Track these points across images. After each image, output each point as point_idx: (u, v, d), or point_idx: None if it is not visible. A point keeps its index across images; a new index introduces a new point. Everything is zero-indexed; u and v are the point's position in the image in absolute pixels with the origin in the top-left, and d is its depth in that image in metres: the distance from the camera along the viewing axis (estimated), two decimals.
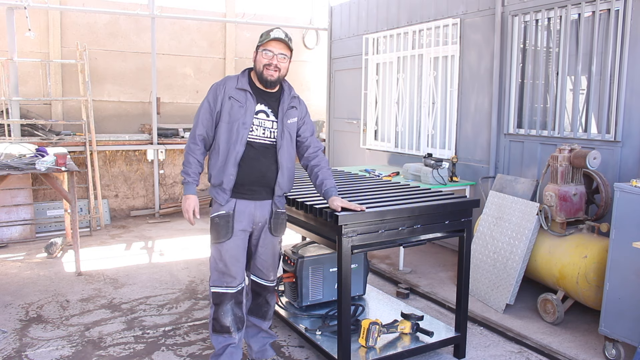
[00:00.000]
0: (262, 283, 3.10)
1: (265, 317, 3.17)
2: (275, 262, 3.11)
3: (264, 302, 3.14)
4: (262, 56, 2.85)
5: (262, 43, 2.86)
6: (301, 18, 9.03)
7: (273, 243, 3.04)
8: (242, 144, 2.82)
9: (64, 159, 4.83)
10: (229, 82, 2.90)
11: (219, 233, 2.86)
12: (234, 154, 2.81)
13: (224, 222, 2.85)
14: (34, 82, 7.23)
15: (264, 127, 2.88)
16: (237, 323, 2.96)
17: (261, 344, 3.18)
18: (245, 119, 2.83)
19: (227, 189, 2.84)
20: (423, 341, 3.22)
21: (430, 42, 6.02)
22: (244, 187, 2.86)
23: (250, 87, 2.89)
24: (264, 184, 2.90)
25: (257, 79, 2.91)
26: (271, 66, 2.85)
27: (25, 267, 5.09)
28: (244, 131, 2.82)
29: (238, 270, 2.92)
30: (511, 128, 5.06)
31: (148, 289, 4.53)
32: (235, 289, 2.92)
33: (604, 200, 3.89)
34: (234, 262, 2.89)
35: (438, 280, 4.83)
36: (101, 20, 7.59)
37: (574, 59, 4.49)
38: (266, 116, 2.90)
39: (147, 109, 7.84)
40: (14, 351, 3.38)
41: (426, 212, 3.04)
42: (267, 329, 3.21)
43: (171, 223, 6.99)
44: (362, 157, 7.25)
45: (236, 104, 2.84)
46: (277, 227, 3.00)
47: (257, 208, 2.91)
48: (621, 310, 3.23)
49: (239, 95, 2.86)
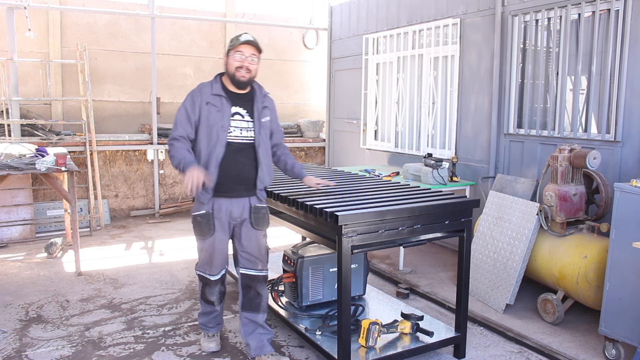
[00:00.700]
0: (251, 274, 3.23)
1: (258, 309, 3.26)
2: (261, 253, 3.25)
3: (255, 294, 3.25)
4: (233, 59, 3.04)
5: (233, 47, 3.05)
6: (301, 18, 9.04)
7: (257, 236, 3.22)
8: (222, 145, 3.03)
9: (64, 159, 4.83)
10: (204, 89, 3.11)
11: (202, 231, 3.11)
12: (215, 155, 3.02)
13: (205, 220, 3.09)
14: (34, 82, 7.24)
15: (240, 127, 3.10)
16: (220, 296, 3.34)
17: (259, 340, 3.25)
18: (223, 122, 3.04)
19: (209, 188, 3.04)
20: (423, 341, 3.22)
21: (430, 42, 6.02)
22: (224, 186, 3.07)
23: (224, 91, 3.10)
24: (242, 182, 3.11)
25: (229, 83, 3.12)
26: (243, 68, 3.04)
27: (25, 267, 5.09)
28: (222, 133, 3.03)
29: (220, 261, 3.23)
30: (511, 128, 5.07)
31: (148, 289, 4.53)
32: (217, 277, 3.26)
33: (604, 200, 3.89)
34: (217, 254, 3.18)
35: (438, 280, 4.83)
36: (101, 20, 7.59)
37: (574, 59, 4.49)
38: (241, 117, 3.12)
39: (147, 109, 7.84)
40: (14, 351, 3.38)
41: (426, 212, 3.04)
42: (263, 322, 3.28)
43: (171, 223, 6.99)
44: (362, 157, 7.25)
45: (213, 109, 3.05)
46: (258, 221, 3.19)
47: (233, 204, 3.12)
48: (621, 310, 3.23)
49: (214, 100, 3.07)
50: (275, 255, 4.75)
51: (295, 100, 9.09)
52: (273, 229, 6.63)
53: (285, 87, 9.00)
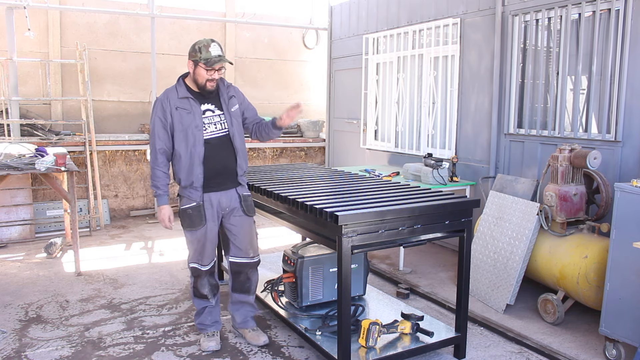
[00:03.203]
0: (242, 261, 3.41)
1: (249, 292, 3.49)
2: (252, 240, 3.43)
3: (245, 278, 3.45)
4: (205, 72, 3.15)
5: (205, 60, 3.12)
6: (301, 18, 9.03)
7: (248, 222, 3.39)
8: (201, 143, 3.17)
9: (63, 159, 4.82)
10: (170, 94, 3.22)
11: (194, 222, 3.24)
12: (197, 154, 3.17)
13: (197, 212, 3.22)
14: (33, 82, 7.23)
15: (214, 122, 3.24)
16: (213, 290, 3.45)
17: (244, 316, 3.51)
18: (197, 122, 3.17)
19: (198, 186, 3.21)
20: (423, 341, 3.21)
21: (430, 42, 6.02)
22: (211, 181, 3.23)
23: (189, 92, 3.22)
24: (227, 174, 3.28)
25: (192, 84, 3.24)
26: (213, 81, 3.19)
27: (25, 267, 5.08)
28: (198, 133, 3.17)
29: (211, 250, 3.36)
30: (511, 128, 5.06)
31: (148, 289, 4.52)
32: (207, 267, 3.38)
33: (605, 200, 3.88)
34: (208, 244, 3.32)
35: (438, 280, 4.82)
36: (101, 20, 7.58)
37: (575, 59, 4.48)
38: (212, 113, 3.25)
39: (147, 108, 7.83)
40: (14, 351, 3.37)
41: (426, 212, 3.03)
42: (252, 301, 3.54)
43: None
44: (362, 157, 7.25)
45: (184, 112, 3.17)
46: (249, 208, 3.38)
47: (222, 196, 3.28)
48: (621, 311, 3.22)
49: (183, 103, 3.18)
50: (275, 255, 4.74)
51: (295, 100, 9.07)
52: (273, 229, 6.65)
53: (285, 87, 8.99)
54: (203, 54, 3.14)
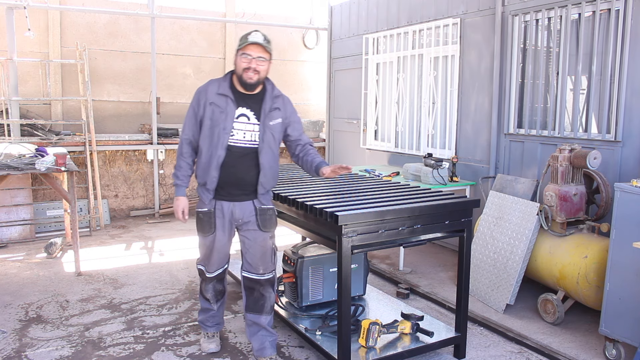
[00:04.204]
0: (252, 277, 3.18)
1: (262, 311, 3.18)
2: (265, 257, 3.16)
3: (258, 295, 3.18)
4: (241, 60, 2.92)
5: (241, 47, 2.91)
6: (301, 18, 9.03)
7: (263, 238, 3.13)
8: (223, 148, 2.95)
9: (63, 159, 4.82)
10: (211, 87, 3.01)
11: (203, 228, 3.09)
12: (216, 157, 2.96)
13: (207, 218, 3.06)
14: (33, 82, 7.23)
15: (244, 130, 2.99)
16: (217, 295, 3.33)
17: (260, 342, 3.21)
18: (226, 124, 2.95)
19: (210, 189, 3.03)
20: (423, 341, 3.21)
21: (430, 42, 6.02)
22: (223, 190, 3.04)
23: (231, 91, 2.99)
24: (242, 187, 3.04)
25: (238, 83, 3.00)
26: (250, 69, 2.90)
27: (25, 267, 5.08)
28: (224, 136, 2.95)
29: (218, 259, 3.20)
30: (511, 128, 5.06)
31: (148, 289, 4.53)
32: (213, 274, 3.24)
33: (605, 200, 3.88)
34: (215, 253, 3.16)
35: (438, 280, 4.82)
36: (101, 20, 7.58)
37: (574, 59, 4.49)
38: (247, 119, 3.00)
39: (147, 109, 7.83)
40: (14, 351, 3.37)
41: (426, 212, 3.03)
42: (266, 325, 3.21)
43: (171, 223, 6.98)
44: (362, 157, 7.25)
45: (217, 109, 2.96)
46: (265, 223, 3.11)
47: (235, 207, 3.07)
48: (621, 311, 3.22)
49: (219, 100, 2.97)
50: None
51: (295, 100, 8.97)
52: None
53: (285, 87, 8.97)
54: (242, 40, 2.92)
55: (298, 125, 3.21)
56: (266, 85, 3.07)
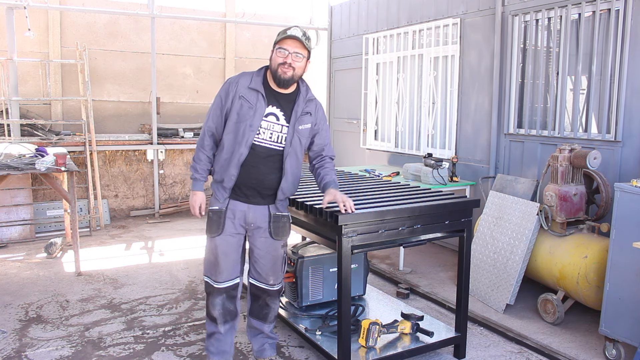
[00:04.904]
0: (260, 286, 3.03)
1: (265, 320, 3.10)
2: (276, 266, 3.00)
3: (263, 304, 3.07)
4: (277, 54, 2.75)
5: (278, 41, 2.76)
6: (301, 18, 9.02)
7: (274, 247, 2.96)
8: (247, 146, 2.77)
9: (63, 159, 4.82)
10: (243, 79, 2.82)
11: (211, 227, 2.88)
12: (238, 155, 2.77)
13: (216, 217, 2.86)
14: (33, 82, 7.23)
15: (271, 130, 2.81)
16: (226, 316, 2.99)
17: (260, 343, 3.17)
18: (253, 121, 2.76)
19: (227, 187, 2.84)
20: (423, 341, 3.21)
21: (430, 42, 6.02)
22: (240, 190, 2.86)
23: (263, 87, 2.81)
24: (260, 190, 2.87)
25: (272, 79, 2.82)
26: (285, 64, 2.73)
27: (25, 267, 5.08)
28: (250, 133, 2.76)
29: (227, 266, 2.92)
30: (511, 128, 5.06)
31: (148, 289, 4.53)
32: (222, 285, 2.94)
33: (604, 200, 3.88)
34: (223, 257, 2.90)
35: (438, 280, 4.82)
36: (101, 20, 7.59)
37: (574, 59, 4.49)
38: (276, 119, 2.81)
39: (147, 109, 7.83)
40: (14, 351, 3.38)
41: (426, 212, 3.03)
42: (269, 332, 3.16)
43: (171, 223, 6.99)
44: (362, 157, 7.25)
45: (246, 104, 2.77)
46: (278, 231, 2.93)
47: (250, 210, 2.88)
48: (621, 311, 3.22)
49: (250, 95, 2.78)
50: None
51: None
52: None
53: None
54: (280, 35, 2.76)
55: (325, 134, 3.02)
56: (300, 86, 2.89)
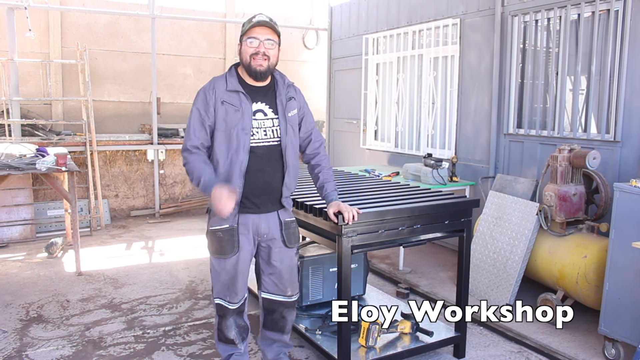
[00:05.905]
0: (277, 299, 2.81)
1: (283, 331, 2.92)
2: (292, 276, 2.81)
3: (279, 317, 2.86)
4: (247, 46, 2.57)
5: (245, 32, 2.57)
6: (301, 18, 9.04)
7: (289, 256, 2.78)
8: (246, 151, 2.57)
9: (64, 159, 4.83)
10: (218, 83, 2.62)
11: (224, 248, 2.62)
12: (238, 164, 2.56)
13: (229, 236, 2.61)
14: (34, 82, 7.24)
15: (264, 128, 2.63)
16: (242, 334, 2.84)
17: (275, 353, 2.98)
18: (244, 124, 2.56)
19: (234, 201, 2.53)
20: (423, 341, 3.22)
21: (430, 42, 6.02)
22: (249, 201, 2.63)
23: (241, 86, 2.62)
24: (270, 194, 2.68)
25: (246, 74, 2.65)
26: (258, 55, 2.55)
27: (26, 267, 5.09)
28: (244, 137, 2.56)
29: (243, 284, 2.74)
30: (511, 128, 5.07)
31: (148, 289, 4.53)
32: (237, 305, 2.76)
33: (604, 200, 3.89)
34: (240, 277, 2.69)
35: (438, 280, 4.83)
36: (101, 20, 7.60)
37: (574, 59, 4.49)
38: (264, 115, 2.64)
39: (147, 109, 7.84)
40: (14, 351, 3.38)
41: (426, 212, 3.04)
42: (288, 340, 3.00)
43: (171, 223, 6.99)
44: (362, 157, 7.26)
45: (231, 108, 2.57)
46: (290, 238, 2.76)
47: (261, 219, 2.68)
48: (621, 310, 3.23)
49: (231, 97, 2.59)
50: None
51: None
52: None
53: None
54: (245, 25, 2.57)
55: (310, 118, 2.85)
56: (275, 75, 2.74)
